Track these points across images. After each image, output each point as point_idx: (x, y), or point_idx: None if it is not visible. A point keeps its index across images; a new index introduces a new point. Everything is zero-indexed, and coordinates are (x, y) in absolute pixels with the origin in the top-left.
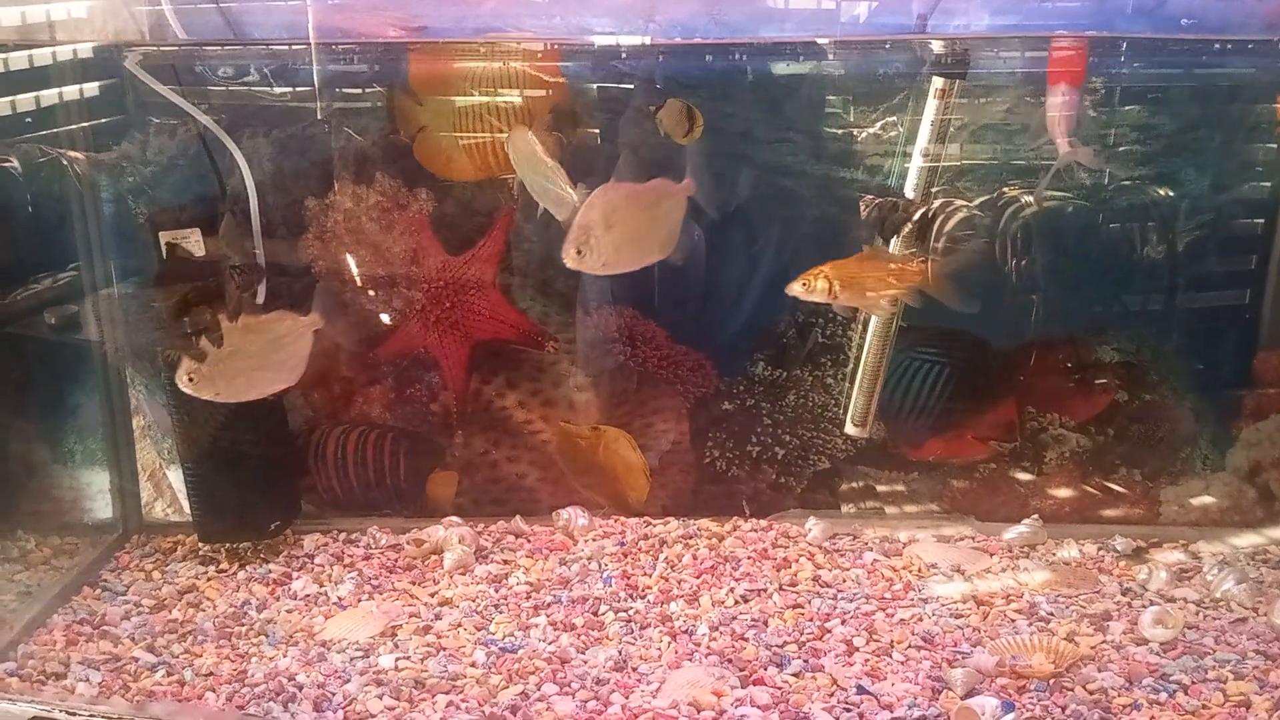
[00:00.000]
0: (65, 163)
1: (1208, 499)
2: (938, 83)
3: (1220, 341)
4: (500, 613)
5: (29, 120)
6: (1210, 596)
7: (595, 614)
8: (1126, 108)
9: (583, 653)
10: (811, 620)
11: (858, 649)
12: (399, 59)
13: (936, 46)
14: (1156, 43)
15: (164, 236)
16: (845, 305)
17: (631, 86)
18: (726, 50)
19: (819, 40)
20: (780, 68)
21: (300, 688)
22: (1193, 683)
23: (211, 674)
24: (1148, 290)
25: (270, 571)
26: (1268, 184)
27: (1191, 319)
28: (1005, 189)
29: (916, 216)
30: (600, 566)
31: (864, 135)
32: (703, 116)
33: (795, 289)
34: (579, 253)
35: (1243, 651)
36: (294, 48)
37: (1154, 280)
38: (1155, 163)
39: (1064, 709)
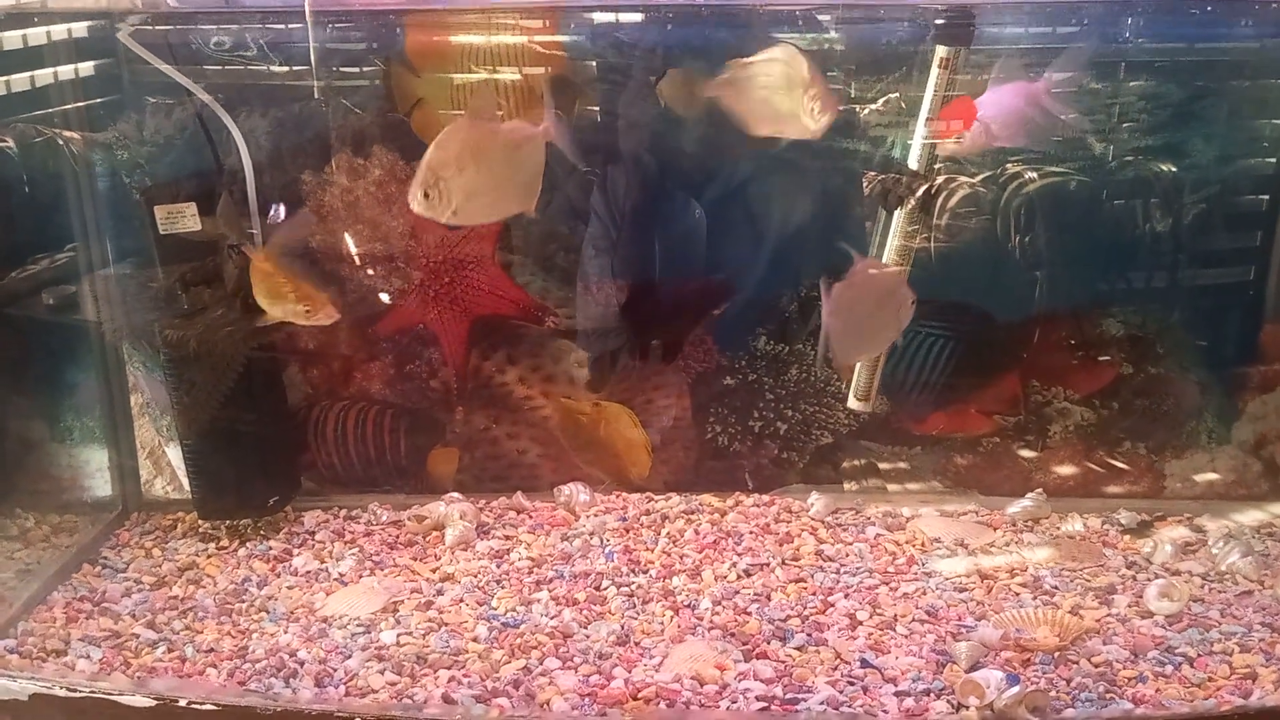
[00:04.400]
0: (61, 142)
1: (1213, 473)
2: (941, 52)
3: (1226, 315)
4: (502, 588)
5: (24, 99)
6: (1215, 570)
7: (597, 589)
8: (1131, 80)
9: (585, 627)
10: (814, 594)
11: (861, 623)
12: (396, 32)
13: (940, 14)
14: (1161, 10)
15: (159, 211)
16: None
17: (631, 60)
18: (727, 17)
19: (820, 7)
20: (781, 36)
21: (301, 664)
22: (1198, 655)
23: (212, 650)
24: (1153, 263)
25: (271, 548)
26: (1274, 157)
27: (1197, 292)
28: (1009, 163)
29: (919, 192)
30: (602, 542)
31: (866, 106)
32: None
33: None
34: (426, 196)
35: (1248, 624)
36: (289, 25)
37: (1159, 253)
38: (1160, 134)
39: (1069, 682)
